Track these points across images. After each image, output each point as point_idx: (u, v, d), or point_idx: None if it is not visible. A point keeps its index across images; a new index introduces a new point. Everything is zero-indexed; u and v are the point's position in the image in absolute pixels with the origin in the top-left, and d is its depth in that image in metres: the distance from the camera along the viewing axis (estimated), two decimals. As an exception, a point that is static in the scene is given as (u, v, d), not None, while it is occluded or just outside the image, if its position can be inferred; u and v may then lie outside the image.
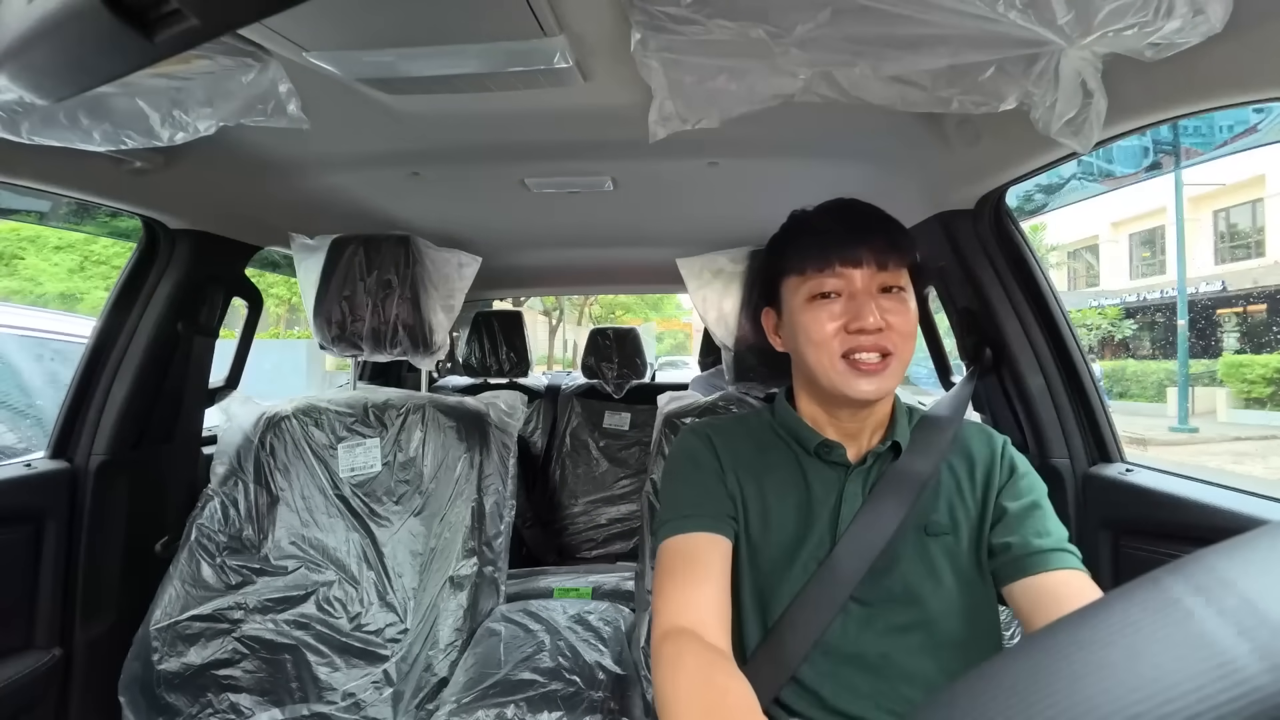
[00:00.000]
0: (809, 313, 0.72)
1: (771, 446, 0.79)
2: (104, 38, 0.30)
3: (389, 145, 1.06)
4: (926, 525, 0.72)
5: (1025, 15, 0.52)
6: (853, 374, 0.70)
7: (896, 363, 0.70)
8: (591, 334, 2.49)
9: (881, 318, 0.69)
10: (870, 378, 0.69)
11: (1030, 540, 0.69)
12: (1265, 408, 10.33)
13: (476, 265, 1.24)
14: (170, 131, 0.65)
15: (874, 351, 0.69)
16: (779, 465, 0.77)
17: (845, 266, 0.70)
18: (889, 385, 0.71)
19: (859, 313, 0.69)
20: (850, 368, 0.70)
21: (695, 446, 0.80)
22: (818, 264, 0.71)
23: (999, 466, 0.75)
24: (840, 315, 0.70)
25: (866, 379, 0.69)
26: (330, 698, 1.04)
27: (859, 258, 0.70)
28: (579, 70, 0.78)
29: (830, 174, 1.17)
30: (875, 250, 0.70)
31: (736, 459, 0.78)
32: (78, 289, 12.70)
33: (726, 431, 0.81)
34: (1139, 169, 8.99)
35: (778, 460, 0.78)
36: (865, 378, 0.69)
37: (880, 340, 0.69)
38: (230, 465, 1.15)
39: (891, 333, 0.70)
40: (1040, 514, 0.71)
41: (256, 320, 1.52)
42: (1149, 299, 14.61)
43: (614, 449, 2.35)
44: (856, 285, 0.70)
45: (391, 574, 1.12)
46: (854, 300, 0.70)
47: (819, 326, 0.71)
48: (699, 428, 0.83)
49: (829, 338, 0.70)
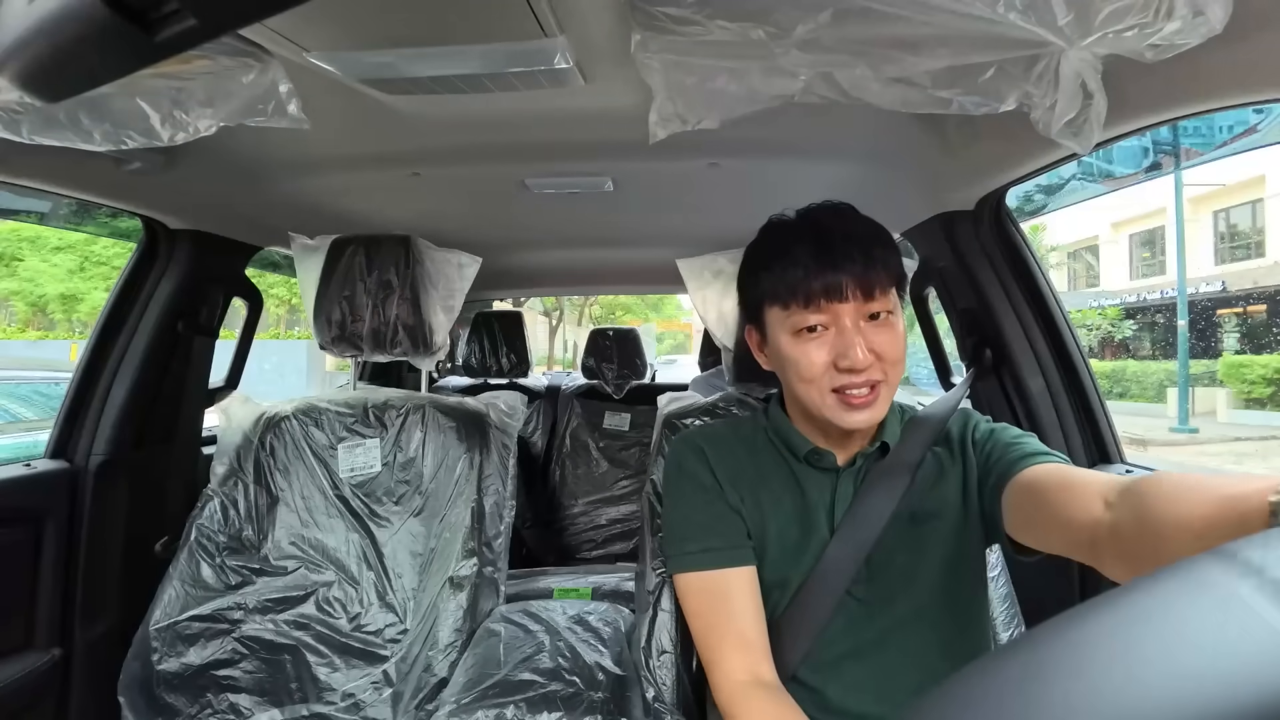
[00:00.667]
0: (796, 348, 0.70)
1: (764, 452, 0.79)
2: (104, 38, 0.30)
3: (389, 146, 1.06)
4: (913, 514, 0.73)
5: (1025, 16, 0.52)
6: (843, 408, 0.69)
7: (886, 389, 0.70)
8: (591, 334, 2.49)
9: (869, 352, 0.67)
10: (861, 410, 0.69)
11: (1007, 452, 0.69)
12: (1265, 408, 10.32)
13: (477, 265, 1.24)
14: (171, 131, 0.65)
15: (864, 386, 0.68)
16: (772, 472, 0.78)
17: (830, 301, 0.68)
18: (880, 413, 0.70)
19: (846, 350, 0.67)
20: (840, 402, 0.69)
21: (691, 463, 0.79)
22: (800, 298, 0.69)
23: (969, 435, 0.76)
24: (828, 351, 0.69)
25: (858, 411, 0.69)
26: (330, 698, 1.04)
27: (842, 289, 0.67)
28: (579, 71, 0.78)
29: (830, 174, 1.17)
30: (857, 277, 0.68)
31: (731, 472, 0.78)
32: (77, 289, 12.70)
33: (719, 441, 0.81)
34: (1139, 170, 8.99)
35: (771, 467, 0.78)
36: (856, 411, 0.69)
37: (871, 374, 0.68)
38: (230, 465, 1.15)
39: (881, 363, 0.68)
40: (1009, 433, 0.73)
41: (256, 320, 1.52)
42: (1149, 299, 14.60)
43: (614, 449, 2.35)
44: (844, 320, 0.68)
45: (391, 574, 1.12)
46: (842, 336, 0.68)
47: (808, 364, 0.69)
48: (691, 439, 0.82)
49: (818, 375, 0.69)
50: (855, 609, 0.72)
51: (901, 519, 0.72)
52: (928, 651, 0.70)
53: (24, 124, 0.61)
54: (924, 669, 0.70)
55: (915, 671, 0.70)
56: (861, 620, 0.71)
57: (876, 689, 0.70)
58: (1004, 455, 0.69)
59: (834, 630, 0.71)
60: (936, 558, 0.72)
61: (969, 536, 0.73)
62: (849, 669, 0.71)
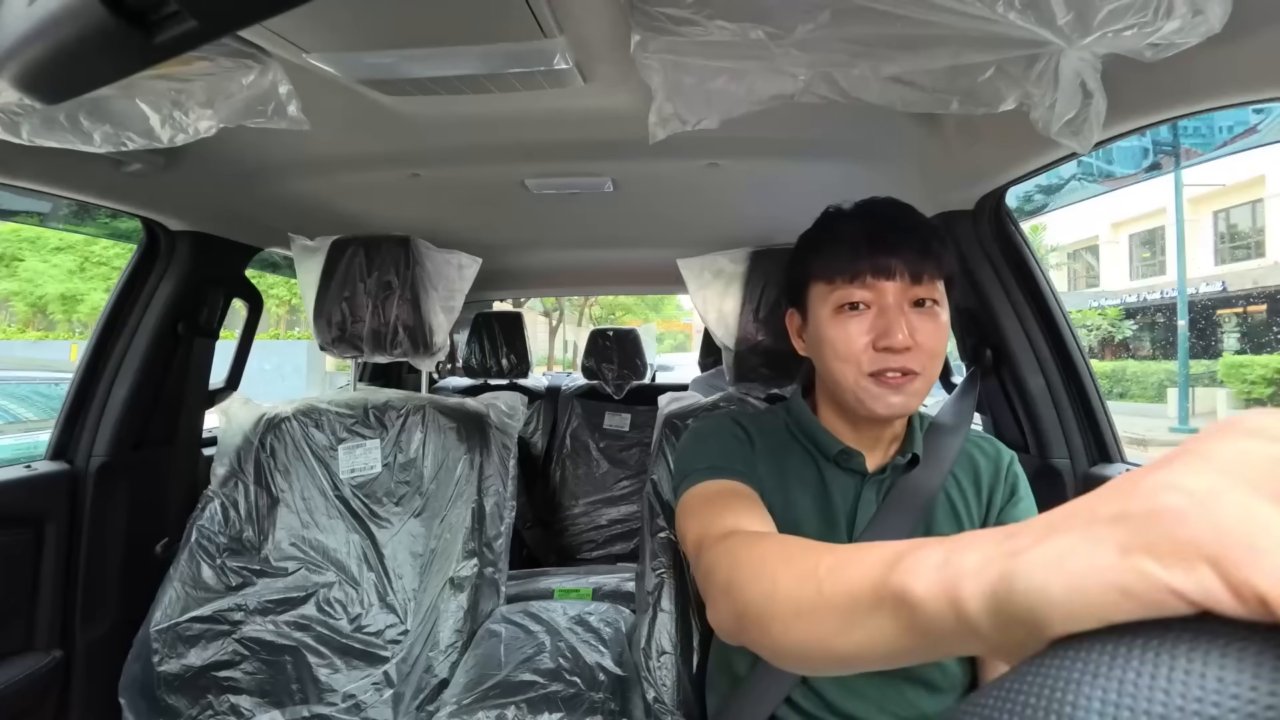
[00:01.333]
0: (836, 325, 0.69)
1: (789, 446, 0.78)
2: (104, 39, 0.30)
3: (389, 146, 1.06)
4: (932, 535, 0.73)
5: (1025, 16, 0.52)
6: (879, 389, 0.67)
7: (921, 382, 0.68)
8: (591, 335, 2.49)
9: (910, 336, 0.65)
10: (894, 393, 0.67)
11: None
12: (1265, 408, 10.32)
13: (477, 266, 1.24)
14: (170, 133, 0.65)
15: (900, 369, 0.67)
16: (800, 468, 0.76)
17: (876, 278, 0.66)
18: (913, 404, 0.68)
19: (888, 329, 0.65)
20: (875, 383, 0.67)
21: (728, 424, 0.78)
22: (847, 274, 0.67)
23: (1002, 484, 0.75)
24: (869, 330, 0.67)
25: (891, 393, 0.67)
26: (330, 699, 1.04)
27: (891, 269, 0.66)
28: (579, 71, 0.78)
29: (830, 175, 1.17)
30: (909, 261, 0.66)
31: (765, 446, 0.76)
32: (78, 290, 12.71)
33: (754, 421, 0.80)
34: (1139, 169, 8.99)
35: (797, 461, 0.77)
36: (889, 392, 0.67)
37: (906, 360, 0.66)
38: (230, 466, 1.15)
39: (919, 352, 0.66)
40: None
41: (256, 321, 1.52)
42: (1149, 299, 14.61)
43: (614, 450, 2.35)
44: (887, 299, 0.67)
45: (392, 575, 1.12)
46: (884, 315, 0.66)
47: (846, 341, 0.68)
48: (732, 414, 0.82)
49: (857, 353, 0.67)
50: None
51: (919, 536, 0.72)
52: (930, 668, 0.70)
53: (24, 125, 0.61)
54: (926, 684, 0.70)
55: (919, 687, 0.70)
56: None
57: (879, 697, 0.70)
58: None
59: None
60: None
61: None
62: (855, 679, 0.70)
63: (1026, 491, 0.76)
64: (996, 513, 0.74)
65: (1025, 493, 0.76)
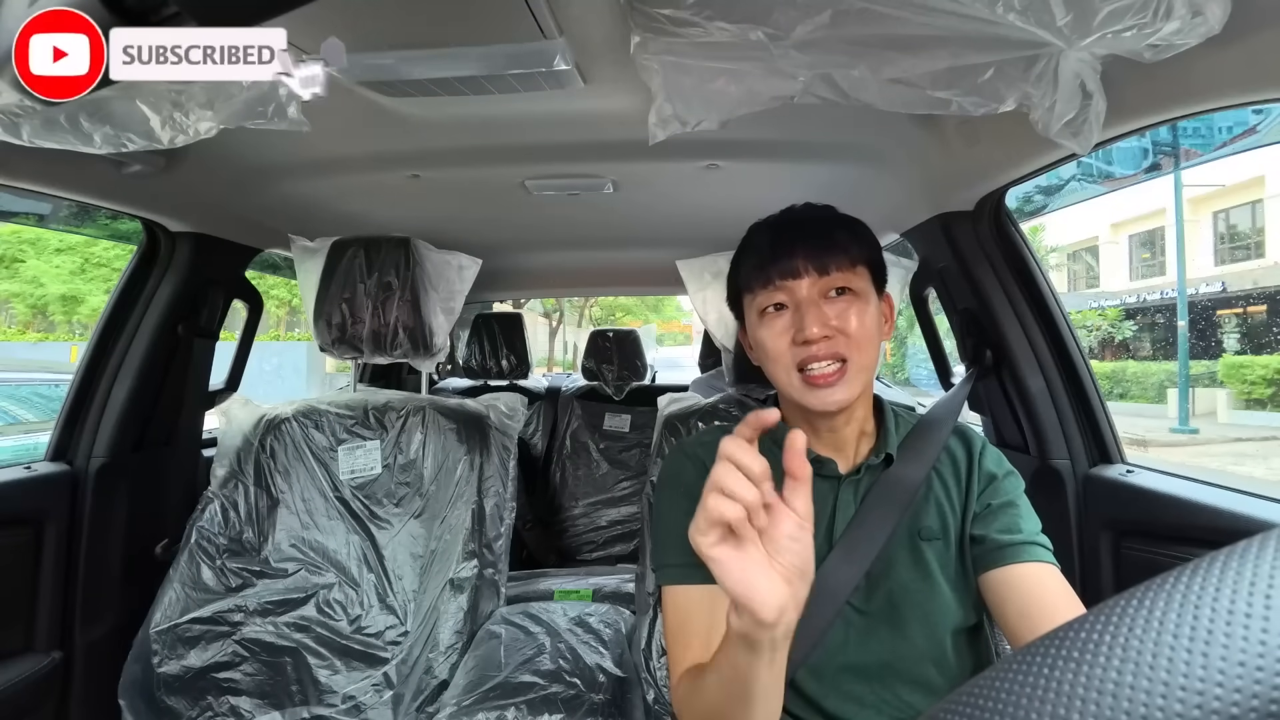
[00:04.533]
0: (762, 328, 0.72)
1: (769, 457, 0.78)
2: (104, 41, 0.30)
3: (389, 147, 1.06)
4: (919, 530, 0.72)
5: (1024, 17, 0.52)
6: (808, 388, 0.69)
7: (854, 369, 0.69)
8: (591, 336, 2.49)
9: (827, 324, 0.68)
10: (827, 389, 0.68)
11: (1001, 534, 0.69)
12: (1266, 409, 10.32)
13: (477, 267, 1.24)
14: (171, 134, 0.65)
15: (827, 359, 0.68)
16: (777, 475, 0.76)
17: (784, 279, 0.70)
18: (849, 394, 0.69)
19: (801, 323, 0.68)
20: (805, 382, 0.69)
21: (686, 472, 0.78)
22: (760, 280, 0.71)
23: (976, 468, 0.76)
24: (789, 327, 0.70)
25: (822, 390, 0.69)
26: (330, 700, 1.04)
27: (795, 268, 0.70)
28: (579, 73, 0.78)
29: (829, 175, 1.17)
30: (811, 256, 0.69)
31: None
32: (78, 291, 12.71)
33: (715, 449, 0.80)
34: (1138, 170, 8.99)
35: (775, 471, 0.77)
36: (820, 390, 0.69)
37: (832, 347, 0.68)
38: (230, 468, 1.15)
39: (841, 338, 0.69)
40: (1014, 510, 0.71)
41: (256, 322, 1.53)
42: (1149, 300, 14.60)
43: (614, 451, 2.35)
44: (800, 295, 0.70)
45: (392, 576, 1.12)
46: (798, 311, 0.70)
47: (772, 341, 0.71)
48: (689, 447, 0.81)
49: (782, 352, 0.70)
50: (855, 619, 0.71)
51: (902, 535, 0.72)
52: (925, 667, 0.70)
53: (24, 127, 0.61)
54: (922, 685, 0.69)
55: (914, 688, 0.69)
56: (862, 631, 0.71)
57: (876, 701, 0.69)
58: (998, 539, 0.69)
59: (834, 640, 0.71)
60: (937, 574, 0.71)
61: (965, 560, 0.72)
62: (848, 681, 0.70)
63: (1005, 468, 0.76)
64: (977, 493, 0.74)
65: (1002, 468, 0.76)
